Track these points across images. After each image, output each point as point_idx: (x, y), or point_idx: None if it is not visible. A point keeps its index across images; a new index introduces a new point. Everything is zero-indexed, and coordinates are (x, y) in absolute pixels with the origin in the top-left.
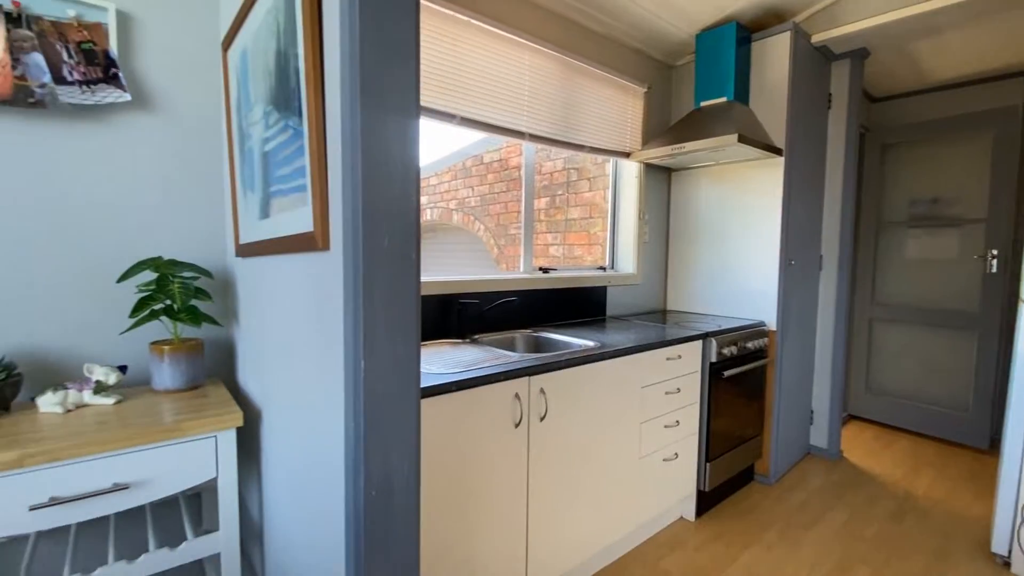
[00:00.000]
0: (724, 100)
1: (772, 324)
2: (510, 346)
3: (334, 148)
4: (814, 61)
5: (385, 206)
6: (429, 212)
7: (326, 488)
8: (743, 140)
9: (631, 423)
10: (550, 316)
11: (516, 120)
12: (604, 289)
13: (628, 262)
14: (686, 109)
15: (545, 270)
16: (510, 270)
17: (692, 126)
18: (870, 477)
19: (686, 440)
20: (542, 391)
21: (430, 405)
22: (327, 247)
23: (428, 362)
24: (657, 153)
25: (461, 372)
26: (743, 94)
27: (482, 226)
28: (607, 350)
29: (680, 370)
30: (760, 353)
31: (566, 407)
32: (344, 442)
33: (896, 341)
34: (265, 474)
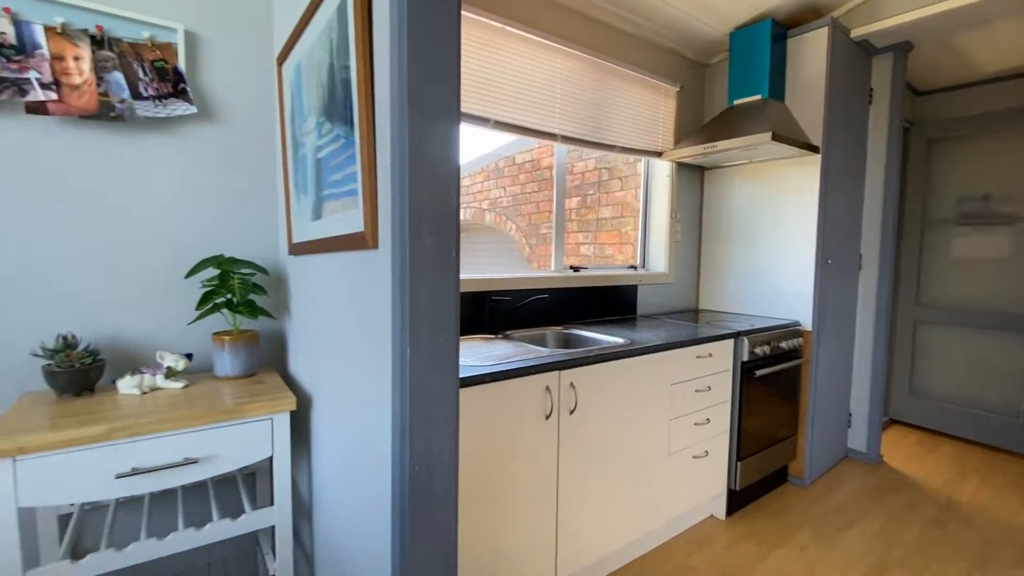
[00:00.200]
0: (758, 98)
1: (807, 324)
2: (541, 342)
3: (383, 155)
4: (854, 56)
5: (428, 208)
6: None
7: (373, 468)
8: (777, 138)
9: (660, 419)
10: (581, 314)
11: (548, 122)
12: (635, 288)
13: (659, 261)
14: (719, 107)
15: (576, 269)
16: (541, 268)
17: (725, 124)
18: (911, 482)
19: (717, 438)
20: (572, 385)
21: (465, 395)
22: (376, 246)
23: (463, 356)
24: (689, 152)
25: (494, 365)
26: (778, 91)
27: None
28: (636, 347)
29: (711, 368)
30: (794, 353)
31: (595, 401)
32: (391, 425)
33: (942, 343)
34: (315, 455)
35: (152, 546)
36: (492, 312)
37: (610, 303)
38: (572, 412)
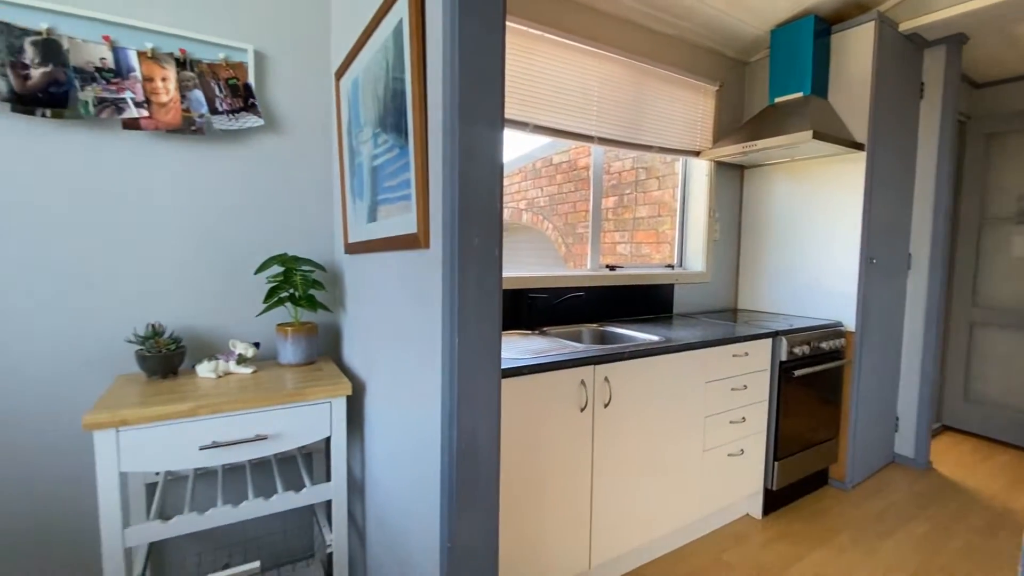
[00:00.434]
0: (800, 95)
1: (850, 325)
2: (576, 338)
3: (434, 164)
4: (903, 50)
5: (475, 211)
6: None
7: (423, 447)
8: (818, 137)
9: (695, 416)
10: (616, 312)
11: (585, 125)
12: (671, 287)
13: (697, 260)
14: (760, 106)
15: (612, 267)
16: (577, 267)
17: (765, 123)
18: (961, 490)
19: (753, 437)
20: (606, 379)
21: (503, 386)
22: (428, 246)
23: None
24: (728, 151)
25: (531, 358)
26: (821, 88)
27: (550, 225)
28: (671, 344)
29: (747, 367)
30: (836, 354)
31: (629, 396)
32: (440, 407)
33: (1000, 347)
34: (367, 437)
35: (228, 512)
36: (529, 309)
37: (646, 302)
38: (606, 406)
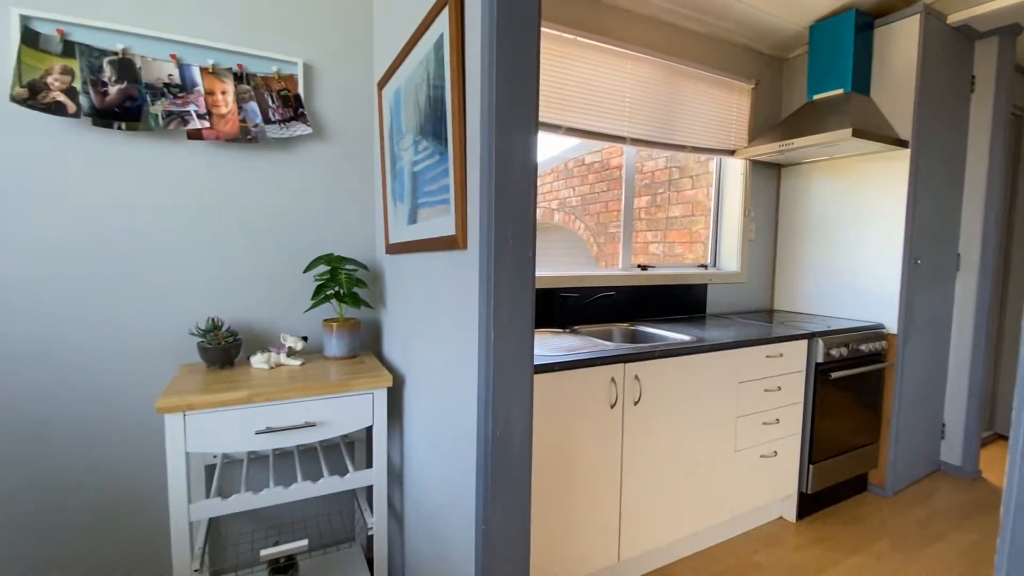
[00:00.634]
0: (840, 92)
1: (892, 327)
2: (607, 337)
3: (472, 170)
4: (951, 42)
5: (510, 215)
6: None
7: (460, 435)
8: (858, 134)
9: (727, 416)
10: (647, 312)
11: (618, 126)
12: (704, 287)
13: (731, 260)
14: (798, 103)
15: (643, 267)
16: (609, 267)
17: (803, 120)
18: None
19: (787, 439)
20: (636, 378)
21: (536, 382)
22: (465, 247)
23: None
24: (764, 150)
25: (562, 355)
26: (862, 84)
27: (582, 225)
28: (702, 344)
29: (781, 368)
30: (876, 357)
31: (660, 394)
32: (476, 397)
33: None
34: (406, 426)
35: (279, 493)
36: (561, 308)
37: (678, 301)
38: (636, 403)
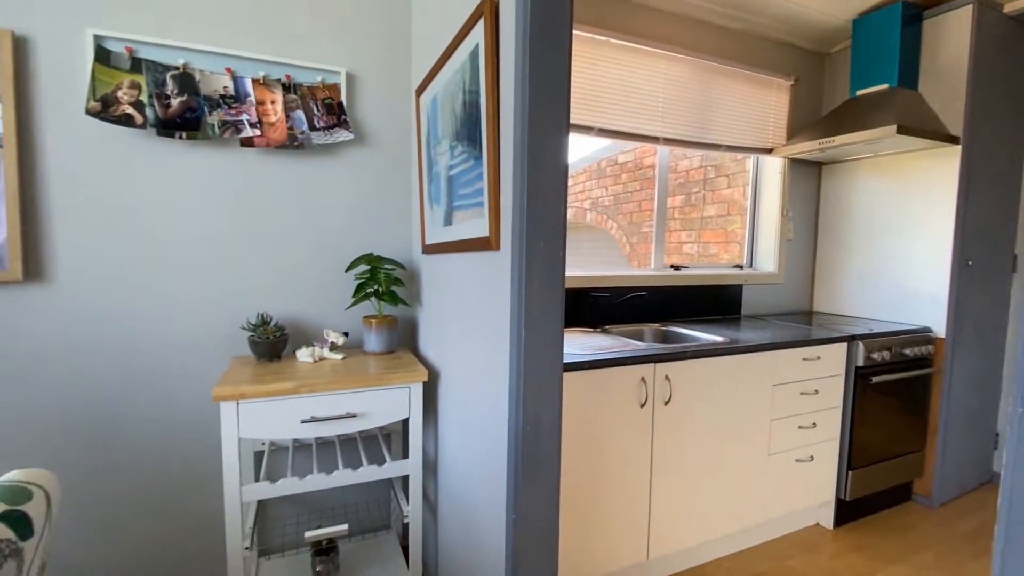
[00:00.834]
0: (885, 87)
1: (940, 331)
2: (638, 337)
3: (505, 174)
4: (1009, 32)
5: (541, 218)
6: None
7: (491, 428)
8: (904, 131)
9: (760, 419)
10: (680, 312)
11: (650, 126)
12: (739, 288)
13: (768, 260)
14: (840, 99)
15: (676, 267)
16: (642, 267)
17: (845, 117)
18: None
19: (824, 444)
20: (667, 378)
21: (566, 380)
22: (498, 248)
23: (564, 346)
24: (803, 148)
25: (593, 354)
26: (910, 79)
27: (614, 224)
28: (735, 345)
29: (818, 372)
30: (922, 362)
31: (691, 395)
32: (508, 392)
33: None
34: (440, 420)
35: (322, 479)
36: (592, 307)
37: (712, 302)
38: (667, 403)
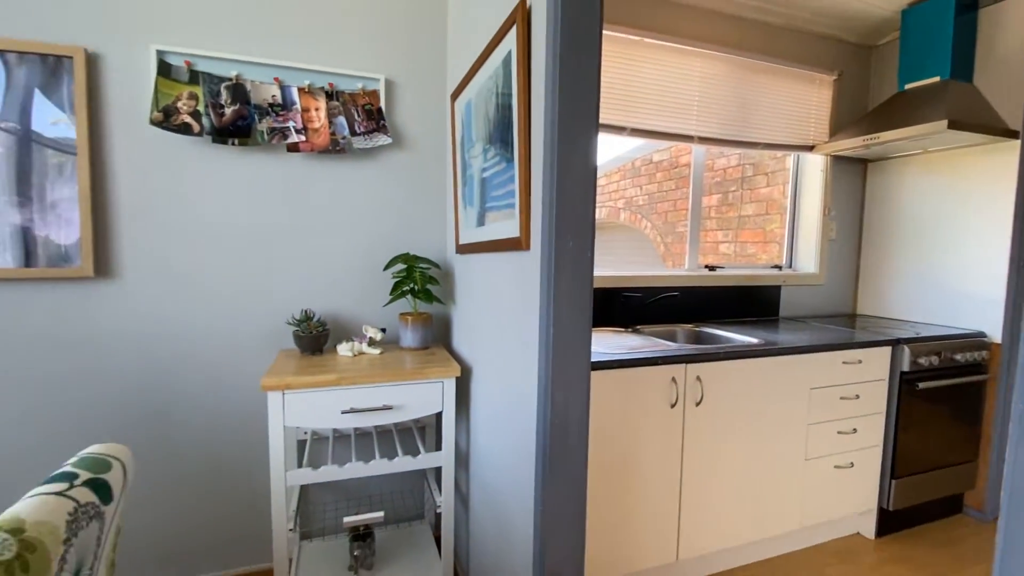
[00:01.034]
0: (936, 80)
1: (996, 336)
2: (670, 337)
3: (535, 177)
4: None
5: (570, 219)
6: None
7: (521, 423)
8: (955, 126)
9: (797, 423)
10: (715, 313)
11: (685, 125)
12: (778, 289)
13: (809, 261)
14: (888, 93)
15: (711, 268)
16: (676, 267)
17: (893, 112)
18: None
19: (866, 451)
20: (698, 379)
21: (596, 378)
22: (528, 248)
23: (594, 345)
24: (847, 145)
25: (623, 353)
26: (964, 71)
27: (649, 224)
28: (770, 347)
29: (860, 376)
30: (975, 368)
31: (723, 396)
32: (536, 388)
33: None
34: (472, 414)
35: (360, 467)
36: (623, 307)
37: (748, 303)
38: (698, 404)
